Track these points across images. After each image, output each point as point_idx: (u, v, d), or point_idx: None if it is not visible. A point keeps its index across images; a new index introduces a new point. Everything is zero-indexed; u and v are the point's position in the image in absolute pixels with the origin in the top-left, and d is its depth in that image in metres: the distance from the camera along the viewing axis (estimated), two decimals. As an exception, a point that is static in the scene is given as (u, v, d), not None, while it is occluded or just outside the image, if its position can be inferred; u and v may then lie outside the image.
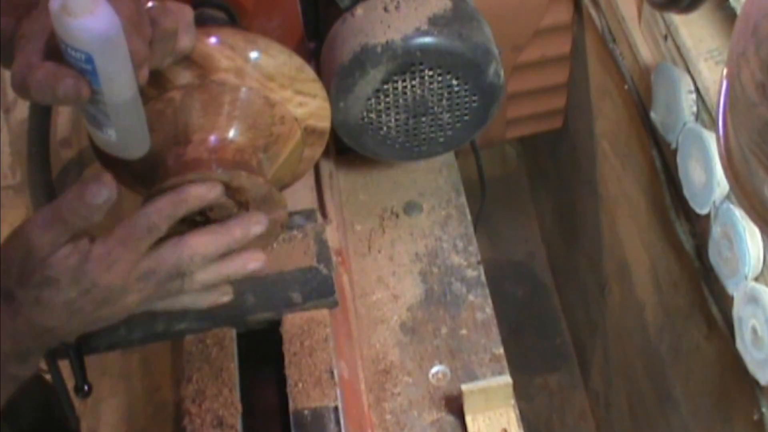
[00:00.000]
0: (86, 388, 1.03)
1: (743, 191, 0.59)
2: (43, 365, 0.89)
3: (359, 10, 1.00)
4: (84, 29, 0.68)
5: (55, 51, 0.70)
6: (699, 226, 1.15)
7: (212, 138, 0.84)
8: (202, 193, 0.77)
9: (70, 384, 1.03)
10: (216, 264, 0.81)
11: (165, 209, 0.76)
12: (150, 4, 0.74)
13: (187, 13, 0.78)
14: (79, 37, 0.68)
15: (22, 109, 1.63)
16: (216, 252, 0.80)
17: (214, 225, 0.80)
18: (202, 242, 0.79)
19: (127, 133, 0.77)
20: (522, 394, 1.67)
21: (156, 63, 0.77)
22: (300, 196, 1.07)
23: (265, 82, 0.86)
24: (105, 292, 0.76)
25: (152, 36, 0.74)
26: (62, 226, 0.73)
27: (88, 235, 0.75)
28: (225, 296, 0.85)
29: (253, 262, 0.83)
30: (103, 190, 0.72)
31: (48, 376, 0.93)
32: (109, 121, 0.75)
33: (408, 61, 0.97)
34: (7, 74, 0.75)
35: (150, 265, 0.77)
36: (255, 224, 0.81)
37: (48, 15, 0.68)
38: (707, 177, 1.05)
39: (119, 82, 0.72)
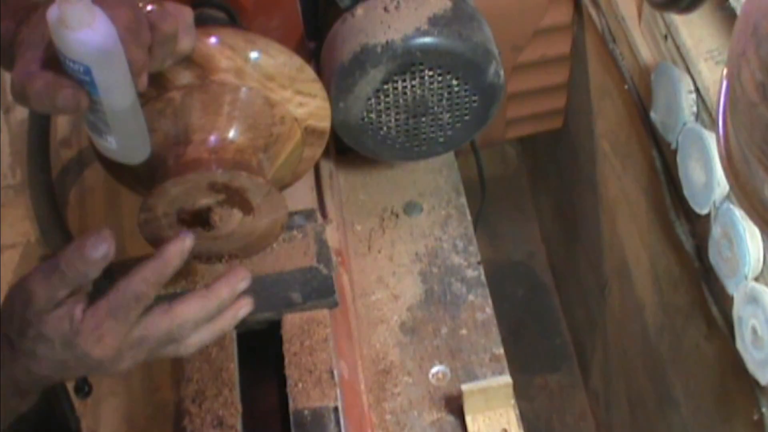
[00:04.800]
0: (86, 388, 1.03)
1: (743, 191, 0.59)
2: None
3: (359, 10, 1.00)
4: (81, 42, 0.68)
5: (54, 59, 0.70)
6: (699, 226, 1.15)
7: (212, 138, 0.84)
8: (180, 249, 0.76)
9: (70, 384, 1.03)
10: (209, 326, 0.80)
11: (150, 277, 0.75)
12: (149, 7, 0.74)
13: (187, 14, 0.78)
14: (76, 49, 0.68)
15: (22, 109, 1.63)
16: (206, 316, 0.79)
17: (202, 289, 0.79)
18: (190, 309, 0.78)
19: (127, 140, 0.77)
20: (522, 394, 1.67)
21: (156, 67, 0.77)
22: (300, 196, 1.07)
23: (265, 82, 0.86)
24: (96, 362, 0.76)
25: (152, 40, 0.74)
26: (60, 280, 0.72)
27: (83, 301, 0.75)
28: (243, 309, 0.84)
29: (243, 309, 0.82)
30: (102, 246, 0.71)
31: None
32: (108, 128, 0.75)
33: (408, 61, 0.97)
34: (7, 75, 0.75)
35: (141, 334, 0.76)
36: (241, 281, 0.81)
37: (47, 23, 0.68)
38: (707, 177, 1.05)
39: (118, 91, 0.72)
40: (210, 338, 0.81)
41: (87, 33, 0.67)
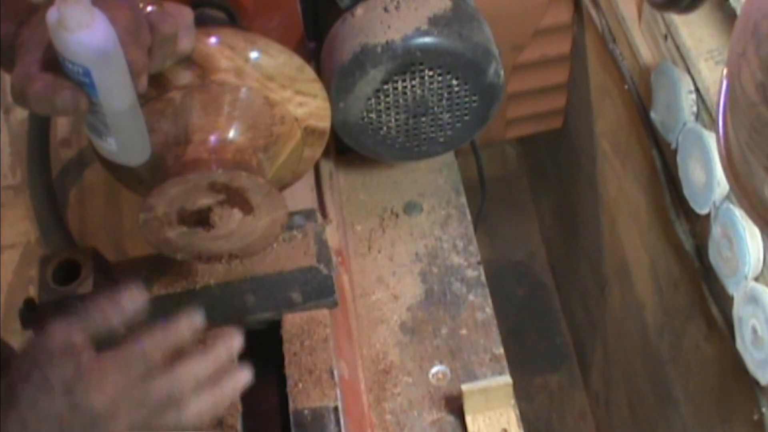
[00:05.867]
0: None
1: (743, 191, 0.59)
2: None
3: (359, 10, 1.00)
4: (81, 44, 0.67)
5: (54, 60, 0.70)
6: (699, 226, 1.15)
7: (212, 138, 0.84)
8: (190, 325, 0.78)
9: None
10: (209, 391, 0.80)
11: (160, 341, 0.77)
12: (149, 8, 0.74)
13: (187, 15, 0.78)
14: (76, 51, 0.68)
15: (22, 110, 1.63)
16: (205, 374, 0.80)
17: (199, 351, 0.80)
18: (188, 368, 0.79)
19: (127, 142, 0.77)
20: (522, 394, 1.67)
21: (156, 68, 0.77)
22: (300, 196, 1.07)
23: (265, 82, 0.86)
24: (93, 412, 0.75)
25: (152, 41, 0.74)
26: (81, 322, 0.74)
27: (91, 349, 0.75)
28: (243, 379, 0.83)
29: (242, 379, 0.82)
30: (139, 299, 0.74)
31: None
32: (108, 130, 0.75)
33: (408, 61, 0.97)
34: (7, 76, 0.75)
35: (141, 393, 0.77)
36: (235, 338, 0.82)
37: (47, 25, 0.68)
38: (707, 177, 1.05)
39: (117, 93, 0.72)
40: (210, 406, 0.81)
41: (86, 35, 0.67)
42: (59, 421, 0.75)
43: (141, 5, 0.73)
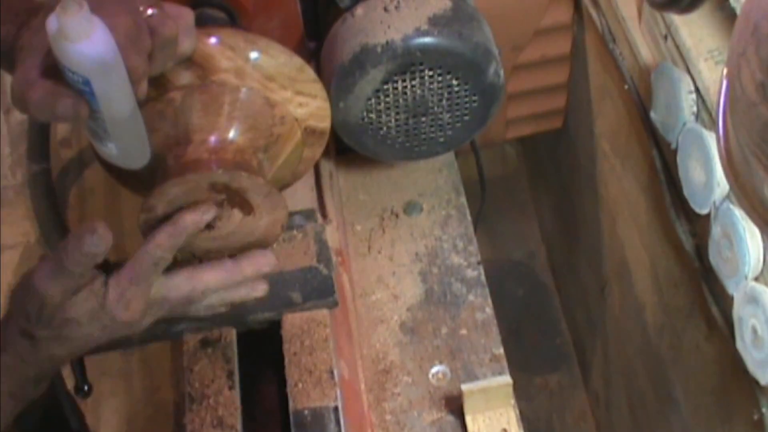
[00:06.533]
0: (86, 388, 1.03)
1: (743, 191, 0.59)
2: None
3: (359, 10, 1.00)
4: (81, 54, 0.67)
5: (54, 66, 0.70)
6: (699, 226, 1.15)
7: (212, 138, 0.84)
8: (197, 219, 0.81)
9: (70, 384, 1.03)
10: (224, 293, 0.86)
11: (165, 242, 0.80)
12: (149, 11, 0.74)
13: (187, 15, 0.78)
14: (76, 61, 0.68)
15: (22, 110, 1.63)
16: (225, 286, 0.85)
17: (228, 261, 0.85)
18: (213, 277, 0.83)
19: (127, 146, 0.77)
20: (522, 394, 1.67)
21: (157, 71, 0.77)
22: (300, 196, 1.07)
23: (266, 83, 0.86)
24: (123, 325, 0.81)
25: (152, 45, 0.74)
26: (67, 275, 0.76)
27: (101, 276, 0.79)
28: (259, 291, 0.88)
29: (258, 291, 0.87)
30: (99, 241, 0.75)
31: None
32: (108, 135, 0.75)
33: (408, 61, 0.97)
34: (7, 76, 0.75)
35: (163, 295, 0.82)
36: (266, 264, 0.86)
37: (47, 32, 0.68)
38: (707, 177, 1.05)
39: (118, 101, 0.72)
40: (220, 305, 0.87)
41: (86, 45, 0.67)
42: (86, 339, 0.81)
43: (141, 8, 0.73)
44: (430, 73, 0.99)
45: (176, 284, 0.82)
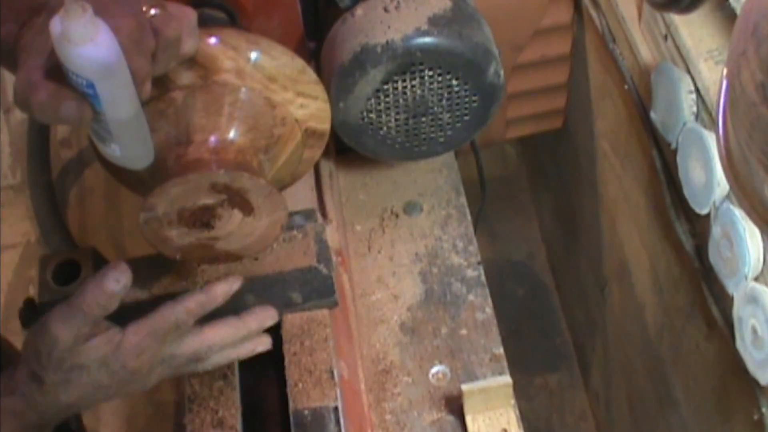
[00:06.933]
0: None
1: (743, 191, 0.59)
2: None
3: (359, 10, 1.00)
4: (84, 57, 0.67)
5: (57, 68, 0.69)
6: (699, 226, 1.15)
7: (213, 139, 0.84)
8: (227, 290, 0.87)
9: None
10: (229, 351, 0.89)
11: (194, 309, 0.84)
12: (152, 12, 0.73)
13: (190, 16, 0.78)
14: (79, 64, 0.67)
15: (22, 110, 1.63)
16: (231, 343, 0.88)
17: (232, 318, 0.88)
18: (220, 335, 0.87)
19: (131, 147, 0.77)
20: (522, 394, 1.67)
21: (160, 71, 0.77)
22: (300, 196, 1.07)
23: (267, 84, 0.86)
24: (131, 374, 0.83)
25: (156, 45, 0.73)
26: (82, 318, 0.78)
27: (116, 327, 0.81)
28: (262, 346, 0.92)
29: (261, 346, 0.91)
30: (122, 278, 0.77)
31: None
32: (112, 137, 0.75)
33: (408, 61, 0.97)
34: (7, 75, 0.75)
35: (172, 353, 0.85)
36: (269, 319, 0.91)
37: (50, 35, 0.67)
38: (707, 177, 1.05)
39: (121, 103, 0.72)
40: (226, 362, 0.90)
41: (90, 48, 0.66)
42: (93, 386, 0.82)
43: (144, 8, 0.73)
44: (430, 73, 0.99)
45: (185, 343, 0.85)
